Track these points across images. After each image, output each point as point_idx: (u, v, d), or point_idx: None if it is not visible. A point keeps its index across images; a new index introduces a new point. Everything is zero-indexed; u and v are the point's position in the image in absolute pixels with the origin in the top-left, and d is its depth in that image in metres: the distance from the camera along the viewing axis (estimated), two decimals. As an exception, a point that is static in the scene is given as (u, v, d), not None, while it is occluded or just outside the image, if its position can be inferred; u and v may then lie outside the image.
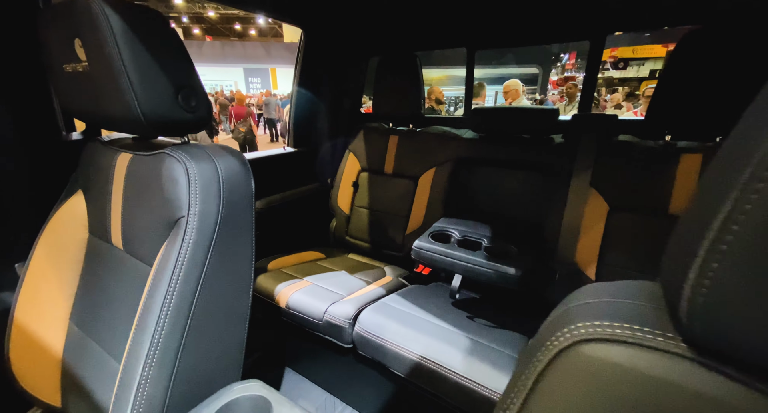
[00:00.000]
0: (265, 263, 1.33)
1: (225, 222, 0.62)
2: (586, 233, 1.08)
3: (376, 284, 1.27)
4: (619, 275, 1.03)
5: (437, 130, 1.46)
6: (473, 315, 1.06)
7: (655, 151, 1.02)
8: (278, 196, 1.49)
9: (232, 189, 0.63)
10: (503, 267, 0.95)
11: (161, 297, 0.55)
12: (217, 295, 0.62)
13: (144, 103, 0.57)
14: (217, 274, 0.61)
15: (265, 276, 1.25)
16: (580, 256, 1.08)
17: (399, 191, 1.49)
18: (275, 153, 1.52)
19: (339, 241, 1.64)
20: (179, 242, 0.57)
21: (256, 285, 1.23)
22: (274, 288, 1.19)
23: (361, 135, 1.59)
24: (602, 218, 1.07)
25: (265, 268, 1.31)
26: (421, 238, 1.13)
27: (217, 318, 0.63)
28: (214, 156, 0.63)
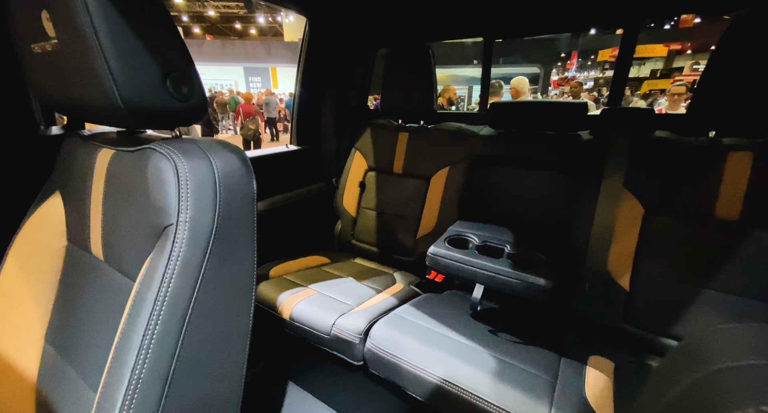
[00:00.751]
0: (267, 269, 1.24)
1: (222, 230, 0.52)
2: (619, 239, 0.99)
3: (386, 293, 1.17)
4: (657, 286, 0.94)
5: (451, 126, 1.36)
6: (495, 329, 0.97)
7: (699, 149, 0.92)
8: (280, 196, 1.40)
9: (230, 190, 0.54)
10: (532, 277, 0.86)
11: (143, 323, 0.45)
12: (212, 317, 0.52)
13: (124, 87, 0.48)
14: (213, 292, 0.52)
15: (267, 285, 1.15)
16: (613, 264, 0.99)
17: (409, 192, 1.40)
18: (277, 151, 1.43)
19: (345, 245, 1.55)
20: (166, 255, 0.47)
21: (257, 294, 1.14)
22: (276, 297, 1.09)
23: (368, 132, 1.50)
24: (637, 222, 0.98)
25: (266, 275, 1.21)
26: (436, 244, 1.04)
27: (212, 345, 0.53)
28: (209, 152, 0.53)
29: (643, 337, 0.95)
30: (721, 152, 0.89)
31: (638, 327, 0.96)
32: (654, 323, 0.94)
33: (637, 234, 0.97)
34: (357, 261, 1.48)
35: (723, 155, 0.89)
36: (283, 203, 1.40)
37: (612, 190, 1.00)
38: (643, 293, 0.95)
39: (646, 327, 0.95)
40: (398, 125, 1.47)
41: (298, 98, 1.50)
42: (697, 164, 0.92)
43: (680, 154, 0.94)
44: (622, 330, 0.97)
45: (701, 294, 0.89)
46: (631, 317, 0.96)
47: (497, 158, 1.25)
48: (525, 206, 1.20)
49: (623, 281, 0.98)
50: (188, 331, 0.49)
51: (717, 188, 0.89)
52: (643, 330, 0.95)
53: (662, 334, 0.93)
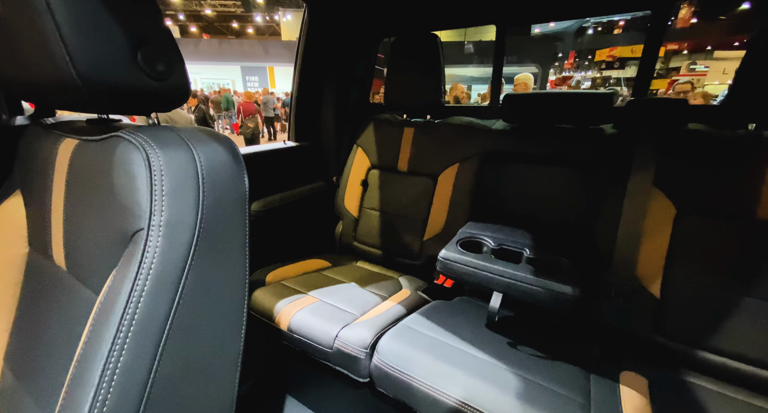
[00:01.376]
0: (263, 275, 1.14)
1: (207, 236, 0.43)
2: (648, 242, 0.90)
3: (392, 300, 1.08)
4: (691, 293, 0.86)
5: (460, 120, 1.27)
6: (514, 341, 0.88)
7: (738, 143, 0.84)
8: (278, 196, 1.30)
9: (217, 188, 0.45)
10: (557, 285, 0.77)
11: (104, 352, 0.36)
12: (196, 338, 0.43)
13: (81, 59, 0.38)
14: (196, 309, 0.43)
15: (264, 292, 1.06)
16: (642, 269, 0.90)
17: (415, 191, 1.31)
18: (274, 148, 1.34)
19: (346, 247, 1.46)
20: (134, 267, 0.38)
21: (252, 302, 1.05)
22: (273, 305, 1.00)
23: (371, 127, 1.41)
24: (668, 224, 0.89)
25: (263, 281, 1.12)
26: (448, 247, 0.95)
27: (196, 370, 0.44)
28: (192, 141, 0.44)
29: (676, 349, 0.86)
30: (764, 146, 0.81)
31: (671, 339, 0.87)
32: (688, 334, 0.85)
33: (668, 237, 0.89)
34: (359, 264, 1.39)
35: (766, 149, 0.81)
36: (280, 203, 1.31)
37: (640, 188, 0.92)
38: (676, 301, 0.87)
39: (680, 339, 0.86)
40: (403, 120, 1.38)
41: (296, 91, 1.41)
42: (736, 160, 0.83)
43: (717, 148, 0.85)
44: (653, 342, 0.89)
45: (741, 302, 0.81)
46: (662, 327, 0.88)
47: (511, 154, 1.16)
48: (542, 206, 1.11)
49: (653, 288, 0.89)
50: (165, 357, 0.40)
51: (759, 186, 0.81)
52: (677, 341, 0.87)
53: (697, 346, 0.84)
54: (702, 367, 0.84)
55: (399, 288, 1.20)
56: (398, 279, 1.26)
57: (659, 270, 0.89)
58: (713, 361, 0.82)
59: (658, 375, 0.82)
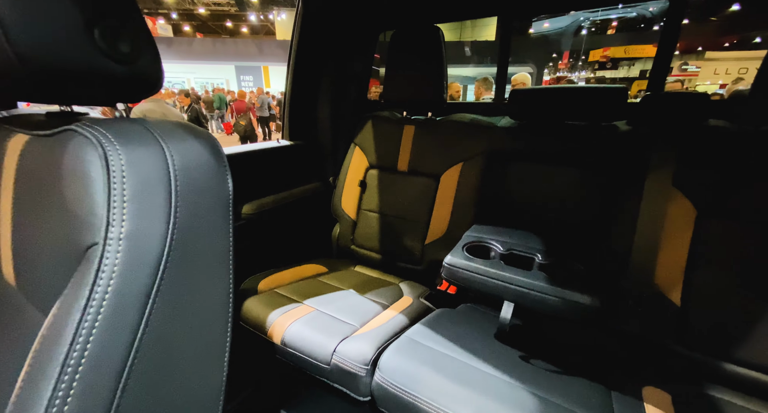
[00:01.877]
0: (255, 282, 1.07)
1: (182, 246, 0.36)
2: (667, 246, 0.84)
3: (394, 309, 1.01)
4: (714, 301, 0.80)
5: (464, 117, 1.21)
6: (527, 354, 0.81)
7: (765, 140, 0.78)
8: (270, 198, 1.23)
9: (194, 190, 0.38)
10: (574, 294, 0.71)
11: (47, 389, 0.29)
12: (166, 371, 0.36)
13: (19, 35, 0.31)
14: (166, 335, 0.35)
15: (255, 301, 0.99)
16: (661, 275, 0.84)
17: (416, 192, 1.24)
18: (266, 146, 1.26)
19: (343, 251, 1.39)
20: (86, 290, 0.31)
21: (243, 313, 0.97)
22: (266, 317, 0.93)
23: (369, 125, 1.34)
24: (688, 227, 0.83)
25: (254, 289, 1.05)
26: (454, 252, 0.88)
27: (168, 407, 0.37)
28: (163, 137, 0.37)
29: (698, 361, 0.81)
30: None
31: (693, 349, 0.82)
32: (712, 344, 0.80)
33: (688, 241, 0.83)
34: (358, 269, 1.32)
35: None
36: (273, 205, 1.24)
37: (658, 188, 0.86)
38: (698, 309, 0.81)
39: (703, 349, 0.81)
40: (403, 117, 1.31)
41: (290, 88, 1.34)
42: (763, 158, 0.78)
43: (742, 146, 0.80)
44: (674, 353, 0.83)
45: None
46: (683, 337, 0.82)
47: (519, 153, 1.10)
48: (553, 208, 1.05)
49: (673, 295, 0.84)
50: (126, 401, 0.32)
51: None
52: (700, 352, 0.81)
53: (722, 358, 0.79)
54: (727, 380, 0.78)
55: (400, 295, 1.13)
56: (399, 286, 1.20)
57: (679, 276, 0.83)
58: (740, 374, 0.77)
59: (679, 388, 0.76)
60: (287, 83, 1.32)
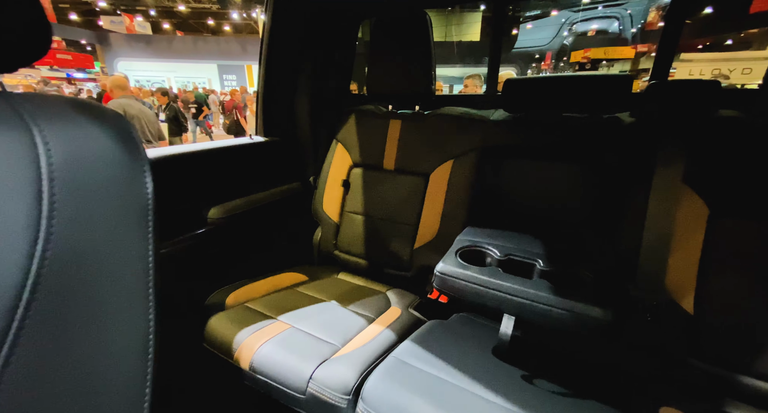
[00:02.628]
0: (223, 296, 0.95)
1: (59, 276, 0.24)
2: (678, 248, 0.77)
3: (380, 323, 0.91)
4: (730, 308, 0.73)
5: (454, 111, 1.11)
6: (530, 373, 0.72)
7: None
8: (241, 200, 1.11)
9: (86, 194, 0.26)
10: (584, 306, 0.62)
11: None
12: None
13: None
14: None
15: (221, 319, 0.87)
16: (672, 281, 0.77)
17: (404, 192, 1.14)
18: (236, 143, 1.14)
19: (326, 257, 1.28)
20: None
21: (207, 333, 0.85)
22: (233, 337, 0.81)
23: (352, 120, 1.23)
24: (701, 227, 0.76)
25: (221, 305, 0.92)
26: (446, 259, 0.78)
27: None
28: (35, 116, 0.26)
29: (714, 374, 0.73)
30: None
31: (708, 362, 0.74)
32: (728, 356, 0.72)
33: (701, 242, 0.76)
34: (341, 277, 1.21)
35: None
36: (246, 208, 1.11)
37: (668, 186, 0.79)
38: (713, 317, 0.74)
39: (719, 362, 0.73)
40: (388, 111, 1.21)
41: (263, 79, 1.22)
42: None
43: (756, 138, 0.73)
44: (688, 366, 0.75)
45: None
46: (698, 349, 0.75)
47: (514, 149, 1.01)
48: (553, 208, 0.97)
49: (686, 302, 0.76)
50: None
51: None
52: (715, 365, 0.74)
53: (740, 371, 0.71)
54: (748, 396, 0.71)
55: (387, 305, 1.03)
56: (386, 294, 1.09)
57: (692, 281, 0.76)
58: (761, 388, 0.69)
59: (696, 407, 0.68)
60: (260, 74, 1.20)
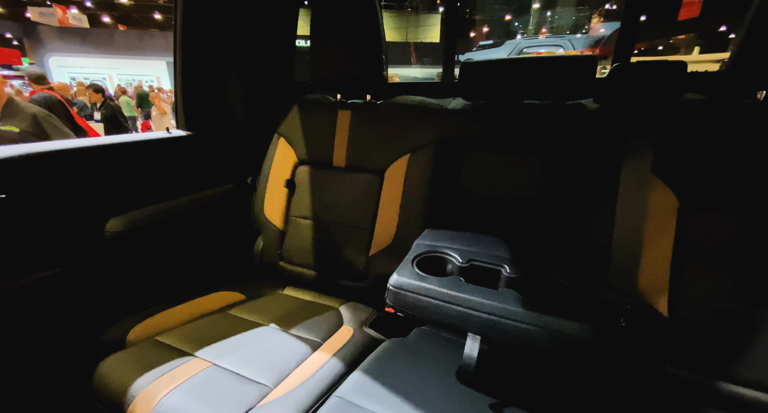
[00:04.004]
0: (124, 330, 0.75)
1: None
2: (650, 245, 0.70)
3: (327, 348, 0.76)
4: (705, 308, 0.66)
5: (409, 100, 0.99)
6: (499, 401, 0.61)
7: (752, 114, 0.66)
8: (153, 208, 0.91)
9: None
10: (559, 321, 0.52)
11: None
12: None
13: None
14: None
15: (117, 360, 0.67)
16: (645, 281, 0.70)
17: (357, 192, 1.01)
18: (148, 138, 0.93)
19: (269, 270, 1.10)
20: None
21: (96, 382, 0.65)
22: (129, 384, 0.62)
23: (296, 111, 1.08)
24: (671, 220, 0.69)
25: (121, 342, 0.73)
26: (400, 270, 0.66)
27: None
28: None
29: (693, 382, 0.67)
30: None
31: (685, 369, 0.68)
32: (706, 362, 0.66)
33: (672, 238, 0.69)
34: (287, 292, 1.04)
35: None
36: (159, 217, 0.92)
37: (637, 177, 0.72)
38: (688, 319, 0.68)
39: (697, 368, 0.67)
40: (337, 101, 1.07)
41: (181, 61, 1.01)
42: (751, 136, 0.66)
43: (725, 123, 0.67)
44: (664, 373, 0.68)
45: (766, 317, 0.63)
46: (674, 354, 0.68)
47: (474, 140, 0.91)
48: (517, 205, 0.87)
49: (660, 304, 0.69)
50: None
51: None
52: (693, 372, 0.67)
53: (718, 377, 0.65)
54: (729, 404, 0.64)
55: (339, 323, 0.88)
56: (339, 310, 0.95)
57: (665, 280, 0.69)
58: (739, 395, 0.63)
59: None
60: (176, 55, 0.99)
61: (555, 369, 0.70)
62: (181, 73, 1.00)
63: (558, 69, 0.81)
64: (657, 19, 11.00)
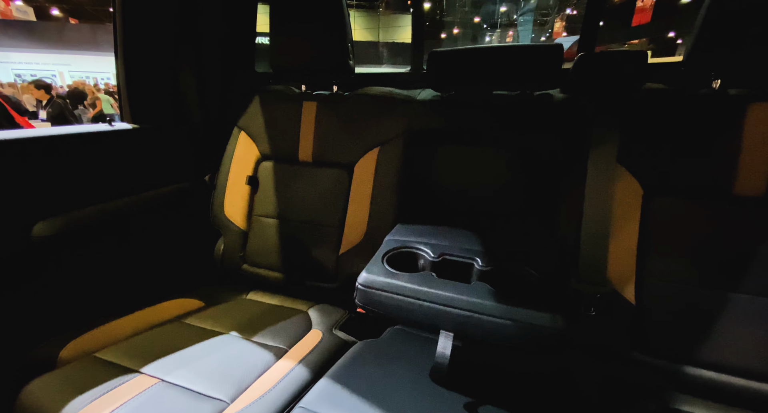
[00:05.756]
0: (55, 347, 0.66)
1: None
2: (617, 234, 0.70)
3: (293, 355, 0.70)
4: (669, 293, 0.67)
5: (376, 91, 0.96)
6: (473, 399, 0.58)
7: (709, 102, 0.68)
8: (92, 209, 0.81)
9: None
10: (530, 313, 0.51)
11: None
12: None
13: None
14: None
15: (46, 382, 0.58)
16: (613, 270, 0.70)
17: (325, 188, 0.96)
18: (85, 131, 0.83)
19: (231, 273, 1.03)
20: None
21: (19, 406, 0.56)
22: (60, 409, 0.54)
23: (257, 103, 1.01)
24: (636, 209, 0.70)
25: (51, 360, 0.63)
26: (370, 267, 0.62)
27: None
28: None
29: (660, 367, 0.68)
30: (740, 105, 0.66)
31: (652, 355, 0.68)
32: (672, 347, 0.67)
33: (637, 226, 0.70)
34: (252, 297, 0.97)
35: (741, 109, 0.65)
36: (99, 220, 0.82)
37: (602, 167, 0.72)
38: (653, 306, 0.69)
39: (663, 354, 0.68)
40: (301, 92, 1.01)
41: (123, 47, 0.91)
42: (708, 123, 0.67)
43: (686, 110, 0.69)
44: (633, 361, 0.69)
45: (729, 300, 0.65)
46: (642, 341, 0.69)
47: (443, 132, 0.89)
48: (488, 197, 0.86)
49: (627, 292, 0.69)
50: None
51: (735, 156, 0.65)
52: (660, 358, 0.68)
53: (684, 361, 0.67)
54: (696, 388, 0.66)
55: (308, 328, 0.83)
56: (308, 313, 0.89)
57: (632, 268, 0.69)
58: (709, 379, 0.65)
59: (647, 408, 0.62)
60: (117, 39, 0.89)
61: (525, 363, 0.69)
62: (122, 57, 0.90)
63: (525, 57, 0.80)
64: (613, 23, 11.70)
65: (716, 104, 0.67)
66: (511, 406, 0.57)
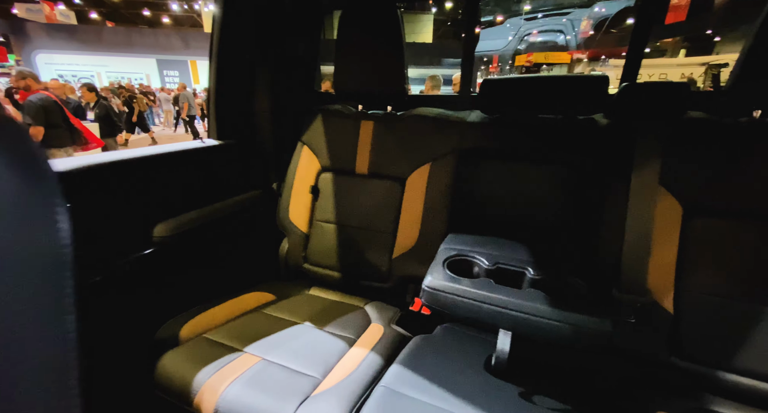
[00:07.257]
0: (175, 328, 0.80)
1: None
2: (657, 249, 0.78)
3: (363, 344, 0.82)
4: (707, 306, 0.75)
5: (429, 112, 1.06)
6: (526, 390, 0.68)
7: (747, 132, 0.75)
8: (194, 213, 0.96)
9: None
10: (583, 318, 0.60)
11: None
12: None
13: None
14: None
15: (175, 356, 0.73)
16: (653, 282, 0.78)
17: (379, 198, 1.07)
18: (185, 148, 0.98)
19: (294, 271, 1.16)
20: None
21: (158, 376, 0.71)
22: (192, 378, 0.68)
23: (319, 121, 1.13)
24: (676, 227, 0.78)
25: (175, 338, 0.78)
26: (433, 271, 0.72)
27: None
28: None
29: (697, 373, 0.75)
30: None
31: (690, 361, 0.76)
32: (708, 354, 0.74)
33: (677, 243, 0.77)
34: (313, 292, 1.10)
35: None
36: (199, 222, 0.97)
37: (645, 187, 0.79)
38: (692, 316, 0.76)
39: (701, 360, 0.75)
40: (359, 112, 1.13)
41: (215, 75, 1.07)
42: (745, 151, 0.74)
43: (723, 138, 0.76)
44: (671, 367, 0.77)
45: (766, 313, 0.71)
46: (680, 348, 0.76)
47: (492, 151, 0.98)
48: (533, 212, 0.95)
49: (666, 302, 0.77)
50: None
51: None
52: (697, 363, 0.75)
53: (720, 367, 0.73)
54: (731, 393, 0.73)
55: (367, 322, 0.95)
56: (365, 309, 1.01)
57: (671, 280, 0.77)
58: (743, 385, 0.72)
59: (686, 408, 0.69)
60: (211, 70, 1.05)
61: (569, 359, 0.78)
62: (215, 89, 1.06)
63: (572, 86, 0.89)
64: (645, 22, 11.31)
65: (757, 132, 0.74)
66: (557, 393, 0.67)
